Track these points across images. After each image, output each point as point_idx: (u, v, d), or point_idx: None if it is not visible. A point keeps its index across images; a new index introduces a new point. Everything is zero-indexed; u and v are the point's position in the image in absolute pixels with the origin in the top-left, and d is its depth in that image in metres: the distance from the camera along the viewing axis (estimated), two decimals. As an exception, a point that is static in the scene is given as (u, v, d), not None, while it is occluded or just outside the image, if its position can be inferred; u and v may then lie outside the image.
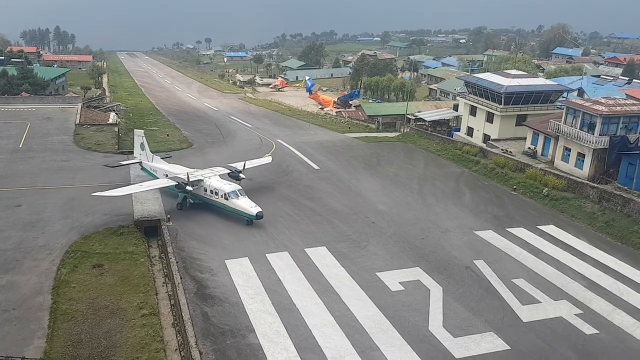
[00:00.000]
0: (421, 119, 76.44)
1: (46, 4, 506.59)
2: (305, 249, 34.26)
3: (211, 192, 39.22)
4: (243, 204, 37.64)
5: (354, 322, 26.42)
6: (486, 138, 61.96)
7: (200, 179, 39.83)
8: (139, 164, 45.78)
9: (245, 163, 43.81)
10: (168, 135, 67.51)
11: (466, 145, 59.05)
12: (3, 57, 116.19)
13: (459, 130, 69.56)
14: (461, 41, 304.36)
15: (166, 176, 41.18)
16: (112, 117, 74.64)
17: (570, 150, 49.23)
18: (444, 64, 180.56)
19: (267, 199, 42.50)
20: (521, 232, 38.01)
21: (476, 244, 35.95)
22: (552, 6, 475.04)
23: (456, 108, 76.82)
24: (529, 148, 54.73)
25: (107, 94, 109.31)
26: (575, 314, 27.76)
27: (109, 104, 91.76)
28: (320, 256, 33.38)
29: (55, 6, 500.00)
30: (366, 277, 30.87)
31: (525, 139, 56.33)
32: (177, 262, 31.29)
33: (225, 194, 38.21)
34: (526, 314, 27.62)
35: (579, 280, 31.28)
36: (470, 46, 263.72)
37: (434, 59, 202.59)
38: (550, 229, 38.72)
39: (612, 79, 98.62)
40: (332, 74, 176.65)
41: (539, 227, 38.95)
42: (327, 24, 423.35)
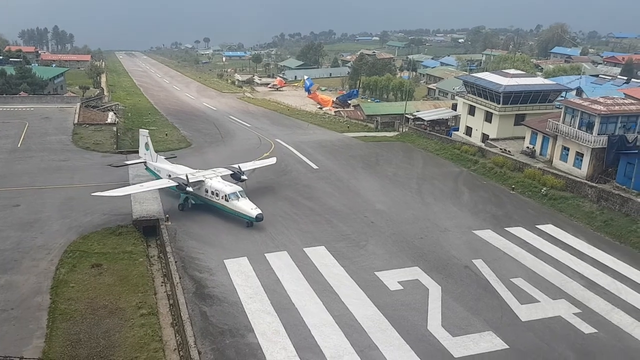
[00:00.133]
0: (420, 119, 76.58)
1: (44, 3, 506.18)
2: (304, 249, 34.25)
3: (212, 193, 38.88)
4: (243, 205, 37.16)
5: (352, 322, 26.43)
6: (485, 137, 62.02)
7: (202, 179, 39.55)
8: (144, 163, 45.72)
9: (247, 164, 43.65)
10: (167, 134, 67.50)
11: (465, 145, 59.09)
12: (1, 57, 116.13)
13: (457, 130, 69.62)
14: (460, 41, 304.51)
15: (169, 176, 40.99)
16: (111, 117, 74.58)
17: (568, 149, 49.27)
18: (442, 64, 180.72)
19: (266, 199, 42.49)
20: (520, 231, 38.03)
21: (475, 243, 35.98)
22: (550, 6, 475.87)
23: (455, 108, 76.88)
24: (528, 147, 54.78)
25: (105, 93, 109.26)
26: (573, 313, 27.79)
27: (107, 104, 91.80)
28: (319, 256, 33.38)
29: (54, 6, 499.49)
30: (365, 277, 30.87)
31: (524, 138, 56.40)
32: (175, 262, 31.27)
33: (225, 195, 37.82)
34: (525, 313, 27.64)
35: (577, 279, 31.31)
36: (469, 46, 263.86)
37: (432, 59, 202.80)
38: (549, 228, 38.76)
39: (610, 78, 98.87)
40: (330, 74, 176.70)
41: (537, 226, 38.98)
42: (326, 23, 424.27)
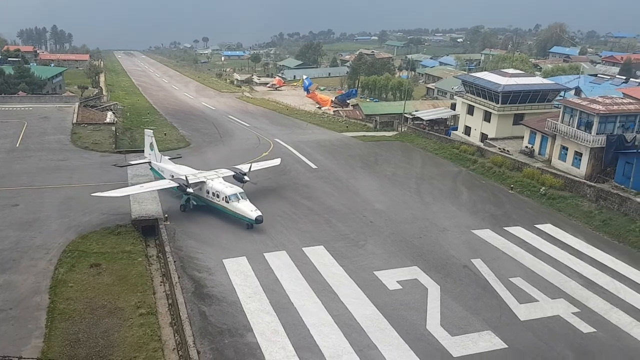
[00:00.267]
0: (419, 118, 76.57)
1: (43, 3, 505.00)
2: (303, 248, 34.27)
3: (213, 194, 38.76)
4: (243, 207, 36.92)
5: (351, 321, 26.44)
6: (484, 137, 62.06)
7: (203, 180, 39.46)
8: (148, 164, 45.67)
9: (253, 164, 43.57)
10: (165, 134, 67.42)
11: (464, 145, 59.12)
12: (0, 57, 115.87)
13: (456, 130, 69.65)
14: (459, 40, 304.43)
15: (172, 177, 40.93)
16: (110, 117, 74.55)
17: (567, 149, 49.32)
18: (441, 63, 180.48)
19: (265, 198, 42.49)
20: (518, 230, 38.07)
21: (474, 242, 36.00)
22: (549, 5, 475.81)
23: (454, 107, 76.91)
24: (526, 147, 54.83)
25: (104, 93, 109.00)
26: (572, 312, 27.82)
27: (106, 103, 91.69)
28: (318, 255, 33.39)
29: (52, 5, 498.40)
30: (364, 276, 30.89)
31: (523, 138, 56.46)
32: (174, 262, 31.27)
33: (226, 196, 37.66)
34: (524, 312, 27.67)
35: (576, 278, 31.35)
36: (468, 45, 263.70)
37: (431, 58, 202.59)
38: (548, 227, 38.80)
39: (609, 78, 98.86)
40: (329, 73, 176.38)
41: (536, 225, 39.03)
42: (325, 23, 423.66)
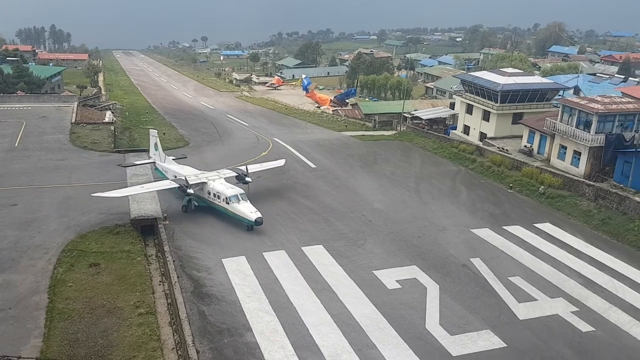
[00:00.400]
0: (418, 118, 76.63)
1: (42, 2, 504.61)
2: (302, 248, 34.27)
3: (214, 195, 38.64)
4: (243, 208, 36.74)
5: (350, 321, 26.45)
6: (482, 136, 62.10)
7: (204, 181, 39.39)
8: (153, 164, 45.59)
9: (255, 165, 43.62)
10: (164, 134, 67.25)
11: (462, 144, 59.16)
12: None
13: (455, 129, 69.69)
14: (457, 39, 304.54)
15: (175, 177, 40.89)
16: (108, 116, 74.48)
17: (566, 148, 49.36)
18: (440, 63, 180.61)
19: (264, 198, 42.47)
20: (517, 230, 38.10)
21: (473, 242, 36.03)
22: (548, 5, 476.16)
23: (452, 106, 76.95)
24: (525, 146, 54.87)
25: (103, 92, 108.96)
26: (571, 311, 27.85)
27: (104, 103, 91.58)
28: (317, 254, 33.39)
29: (51, 5, 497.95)
30: (363, 276, 30.90)
31: (522, 137, 56.49)
32: (173, 261, 31.24)
33: (226, 197, 37.53)
34: (522, 311, 27.70)
35: (575, 277, 31.39)
36: (467, 44, 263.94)
37: (430, 58, 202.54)
38: (547, 226, 38.84)
39: (608, 77, 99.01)
40: (328, 73, 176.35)
41: (535, 225, 39.07)
42: (324, 22, 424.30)
